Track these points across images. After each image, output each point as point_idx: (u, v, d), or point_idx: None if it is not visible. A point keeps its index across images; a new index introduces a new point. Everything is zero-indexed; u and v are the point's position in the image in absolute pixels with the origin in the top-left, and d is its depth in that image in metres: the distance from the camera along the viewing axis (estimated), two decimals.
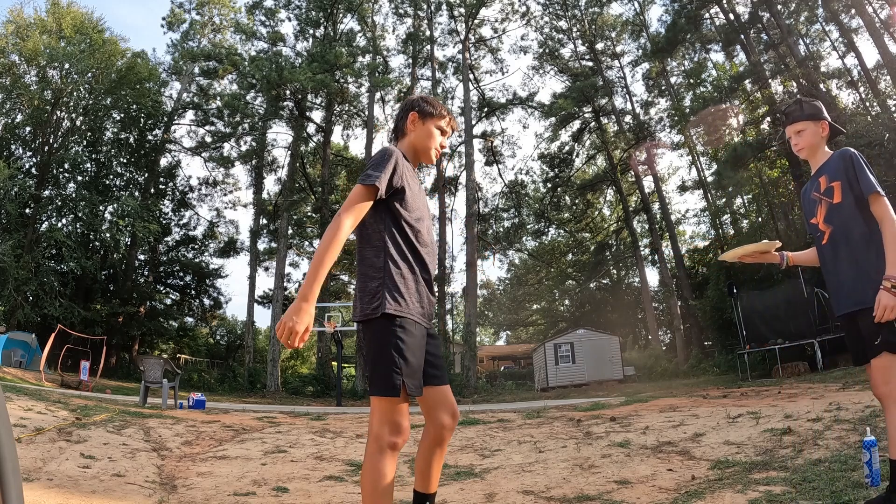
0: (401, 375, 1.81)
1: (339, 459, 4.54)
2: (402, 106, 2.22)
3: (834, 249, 2.24)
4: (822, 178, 2.27)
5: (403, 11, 29.47)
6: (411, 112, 2.14)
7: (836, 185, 2.21)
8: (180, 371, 14.56)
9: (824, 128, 2.37)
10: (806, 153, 2.40)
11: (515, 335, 49.18)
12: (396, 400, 1.81)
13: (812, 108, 2.38)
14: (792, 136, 2.40)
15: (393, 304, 1.85)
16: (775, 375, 13.45)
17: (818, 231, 2.30)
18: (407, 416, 1.85)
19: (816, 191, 2.31)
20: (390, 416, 1.81)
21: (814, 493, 2.55)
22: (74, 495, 2.89)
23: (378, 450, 1.79)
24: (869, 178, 2.14)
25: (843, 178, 2.20)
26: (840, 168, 2.22)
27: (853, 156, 2.19)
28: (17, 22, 24.45)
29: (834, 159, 2.28)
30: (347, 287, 33.32)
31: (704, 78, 26.81)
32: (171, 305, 32.50)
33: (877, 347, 2.06)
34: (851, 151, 2.22)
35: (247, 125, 28.27)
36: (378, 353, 1.84)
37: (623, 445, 4.59)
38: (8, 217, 22.08)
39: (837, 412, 4.66)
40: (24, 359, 16.99)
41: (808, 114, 2.36)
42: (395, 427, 1.81)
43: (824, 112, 2.40)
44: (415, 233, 1.98)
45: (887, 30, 19.13)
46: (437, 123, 2.15)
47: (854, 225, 2.16)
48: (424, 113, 2.14)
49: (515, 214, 31.40)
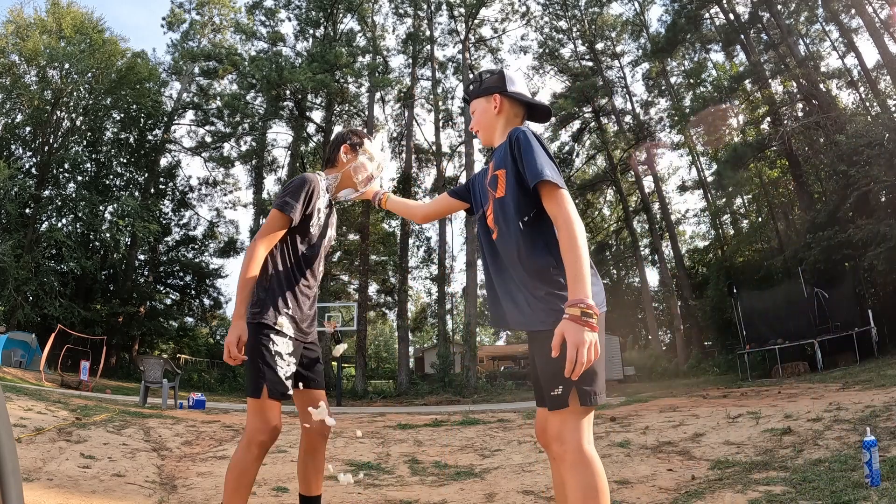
0: (264, 379, 1.98)
1: (338, 459, 4.54)
2: (334, 138, 2.38)
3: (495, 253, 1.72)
4: (491, 165, 1.73)
5: (403, 11, 29.46)
6: (343, 145, 2.31)
7: (500, 175, 1.66)
8: (180, 371, 14.56)
9: (495, 100, 1.77)
10: (482, 136, 1.85)
11: (515, 335, 49.12)
12: (262, 400, 1.97)
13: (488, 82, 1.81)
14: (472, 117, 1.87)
15: (271, 316, 2.04)
16: (775, 375, 13.45)
17: (486, 228, 1.76)
18: (277, 416, 2.00)
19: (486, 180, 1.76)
20: (259, 414, 1.98)
21: (814, 493, 2.55)
22: (74, 495, 2.89)
23: (246, 445, 1.97)
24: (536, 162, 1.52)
25: (508, 165, 1.63)
26: (506, 153, 1.65)
27: (521, 135, 1.60)
28: (17, 22, 24.44)
29: (503, 143, 1.70)
30: (347, 287, 33.34)
31: (704, 78, 26.80)
32: (171, 305, 32.46)
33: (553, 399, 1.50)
34: (521, 129, 1.63)
35: (247, 125, 28.27)
36: (250, 356, 2.00)
37: (623, 445, 4.59)
38: (8, 217, 22.07)
39: (837, 412, 4.66)
40: (24, 359, 16.98)
41: (483, 89, 1.81)
42: (263, 425, 1.97)
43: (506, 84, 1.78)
44: (307, 254, 2.16)
45: (887, 30, 19.12)
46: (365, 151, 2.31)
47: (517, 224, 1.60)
48: (354, 146, 2.31)
49: None
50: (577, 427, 1.47)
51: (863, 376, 8.69)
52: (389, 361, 42.30)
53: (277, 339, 2.04)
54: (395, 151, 30.31)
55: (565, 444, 1.47)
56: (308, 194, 2.11)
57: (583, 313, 1.36)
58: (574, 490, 1.43)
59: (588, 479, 1.43)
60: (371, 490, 3.47)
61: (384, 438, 5.77)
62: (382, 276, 31.74)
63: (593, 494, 1.42)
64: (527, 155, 1.55)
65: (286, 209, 2.05)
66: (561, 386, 1.47)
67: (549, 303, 1.52)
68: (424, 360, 36.77)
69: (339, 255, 31.05)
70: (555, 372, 1.45)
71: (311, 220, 2.14)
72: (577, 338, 1.34)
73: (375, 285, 31.71)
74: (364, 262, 26.55)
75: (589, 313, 1.37)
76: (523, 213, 1.59)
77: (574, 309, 1.38)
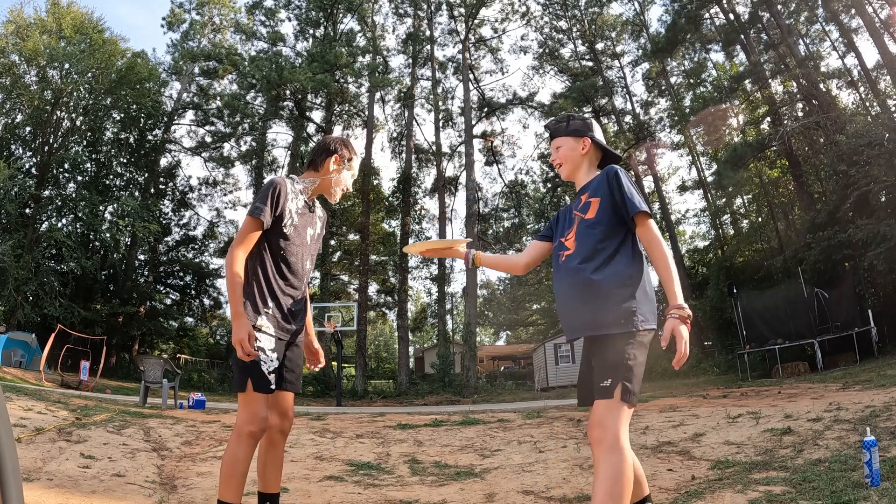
0: (248, 374, 2.10)
1: (338, 459, 4.54)
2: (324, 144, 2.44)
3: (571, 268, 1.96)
4: (584, 195, 2.03)
5: (403, 11, 29.48)
6: (335, 155, 2.40)
7: (594, 202, 1.96)
8: (180, 371, 14.56)
9: (585, 144, 2.11)
10: (565, 169, 2.14)
11: (515, 335, 49.17)
12: (247, 393, 2.10)
13: (578, 124, 2.14)
14: (553, 153, 2.17)
15: (252, 315, 2.14)
16: (775, 375, 13.44)
17: (560, 246, 2.05)
18: (262, 408, 2.11)
19: (576, 207, 2.05)
20: (246, 407, 2.10)
21: (814, 493, 2.55)
22: (74, 495, 2.90)
23: (236, 436, 2.08)
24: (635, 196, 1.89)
25: (603, 195, 1.95)
26: (602, 185, 1.98)
27: (618, 172, 1.96)
28: (17, 22, 24.43)
29: (599, 176, 2.04)
30: (347, 287, 33.34)
31: (704, 78, 26.82)
32: (171, 305, 32.46)
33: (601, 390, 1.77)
34: (616, 168, 2.00)
35: (247, 125, 28.28)
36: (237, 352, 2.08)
37: None
38: (8, 217, 22.07)
39: (837, 412, 4.66)
40: (24, 359, 16.98)
41: (572, 129, 2.13)
42: (253, 417, 2.08)
43: (593, 131, 2.14)
44: (284, 254, 2.24)
45: (887, 30, 19.12)
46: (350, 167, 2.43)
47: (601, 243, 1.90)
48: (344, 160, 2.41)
49: (515, 214, 31.37)
50: (618, 417, 1.73)
51: (863, 376, 8.69)
52: (389, 361, 42.34)
53: (260, 336, 2.14)
54: (395, 151, 30.35)
55: (606, 430, 1.72)
56: (275, 197, 2.20)
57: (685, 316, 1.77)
58: (603, 472, 1.66)
59: (618, 465, 1.66)
60: (371, 490, 3.47)
61: (384, 438, 5.77)
62: (382, 276, 31.75)
63: (619, 480, 1.64)
64: (624, 189, 1.91)
65: (255, 213, 2.16)
66: (611, 379, 1.76)
67: (622, 311, 1.82)
68: (424, 360, 36.79)
69: (339, 256, 31.05)
70: (608, 367, 1.79)
71: (284, 221, 2.22)
72: (684, 334, 1.76)
73: (375, 285, 31.72)
74: (364, 262, 26.56)
75: (686, 315, 1.77)
76: (609, 236, 1.91)
77: (681, 311, 1.77)
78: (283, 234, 2.23)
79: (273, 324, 2.19)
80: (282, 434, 2.28)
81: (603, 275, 1.86)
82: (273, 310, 2.20)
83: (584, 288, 1.88)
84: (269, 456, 2.26)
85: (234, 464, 2.05)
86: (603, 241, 1.90)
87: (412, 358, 31.33)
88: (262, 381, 2.11)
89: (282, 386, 2.24)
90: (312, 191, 2.38)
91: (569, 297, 1.95)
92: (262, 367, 2.11)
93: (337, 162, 2.39)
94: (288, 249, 2.25)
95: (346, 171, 2.41)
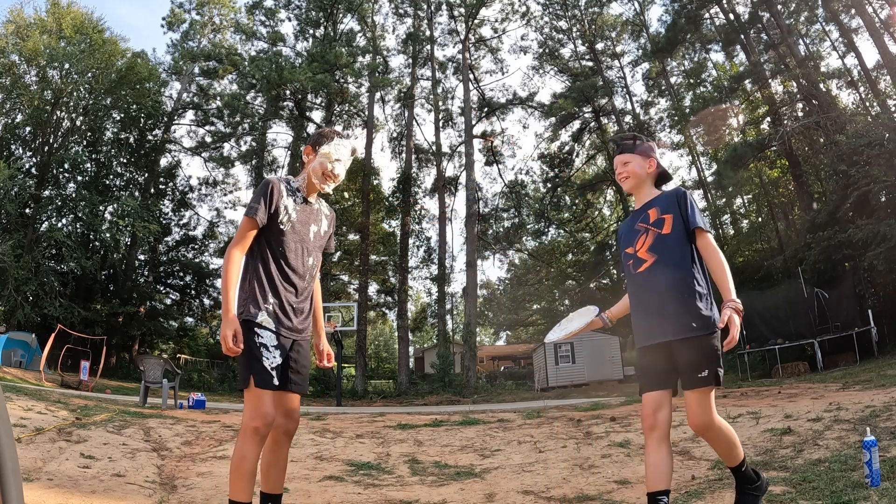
0: (251, 370, 2.11)
1: (338, 459, 4.54)
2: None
3: (652, 278, 2.23)
4: (652, 211, 2.30)
5: (403, 11, 29.47)
6: (306, 146, 2.41)
7: (667, 218, 2.25)
8: (180, 371, 14.56)
9: (651, 164, 2.38)
10: (630, 183, 2.39)
11: (515, 335, 49.14)
12: (251, 390, 2.10)
13: (646, 146, 2.42)
14: (618, 166, 2.41)
15: (252, 313, 2.17)
16: (775, 375, 13.44)
17: (636, 260, 2.30)
18: (267, 404, 2.10)
19: (643, 221, 2.31)
20: (250, 403, 2.10)
21: (814, 493, 2.55)
22: (74, 495, 2.89)
23: (242, 433, 2.09)
24: (698, 215, 2.24)
25: (675, 212, 2.25)
26: (672, 203, 2.28)
27: (687, 194, 2.29)
28: (17, 22, 24.43)
29: (667, 195, 2.33)
30: (347, 287, 33.34)
31: (704, 78, 26.82)
32: (171, 305, 32.46)
33: (699, 381, 2.08)
34: (683, 190, 2.33)
35: (247, 125, 28.26)
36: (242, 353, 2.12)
37: (623, 445, 4.59)
38: (8, 217, 22.07)
39: (837, 412, 4.66)
40: (24, 359, 16.98)
41: (641, 149, 2.40)
42: (257, 412, 2.08)
43: (656, 153, 2.44)
44: (282, 250, 2.25)
45: (887, 30, 19.12)
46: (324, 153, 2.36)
47: (679, 255, 2.20)
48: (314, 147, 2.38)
49: (515, 214, 31.37)
50: (710, 401, 2.11)
51: (863, 376, 8.69)
52: (389, 361, 42.31)
53: (262, 332, 2.16)
54: (395, 151, 30.33)
55: (709, 413, 2.10)
56: (269, 195, 2.23)
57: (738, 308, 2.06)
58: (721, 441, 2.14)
59: (729, 433, 2.15)
60: (371, 490, 3.47)
61: (384, 438, 5.77)
62: (382, 276, 31.74)
63: (735, 442, 2.16)
64: (692, 209, 2.24)
65: (250, 213, 2.20)
66: (707, 370, 2.09)
67: (699, 312, 2.14)
68: (424, 360, 36.76)
69: (340, 255, 31.05)
70: (702, 360, 2.10)
71: (280, 218, 2.25)
72: (736, 321, 2.03)
73: (375, 285, 31.72)
74: (364, 262, 26.55)
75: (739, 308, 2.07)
76: (683, 248, 2.22)
77: (736, 304, 2.06)
78: (280, 231, 2.25)
79: (273, 320, 2.20)
80: (286, 435, 2.28)
81: (687, 284, 2.17)
82: (273, 306, 2.20)
83: (676, 295, 2.17)
84: (274, 456, 2.25)
85: (241, 462, 2.05)
86: (680, 252, 2.21)
87: (412, 358, 31.32)
88: (264, 376, 2.11)
89: (287, 387, 2.23)
90: (306, 187, 2.38)
91: (655, 304, 2.22)
92: (264, 363, 2.12)
93: (308, 152, 2.40)
94: (286, 246, 2.26)
95: (318, 157, 2.35)
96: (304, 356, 2.33)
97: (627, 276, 2.37)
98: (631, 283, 2.34)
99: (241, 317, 2.17)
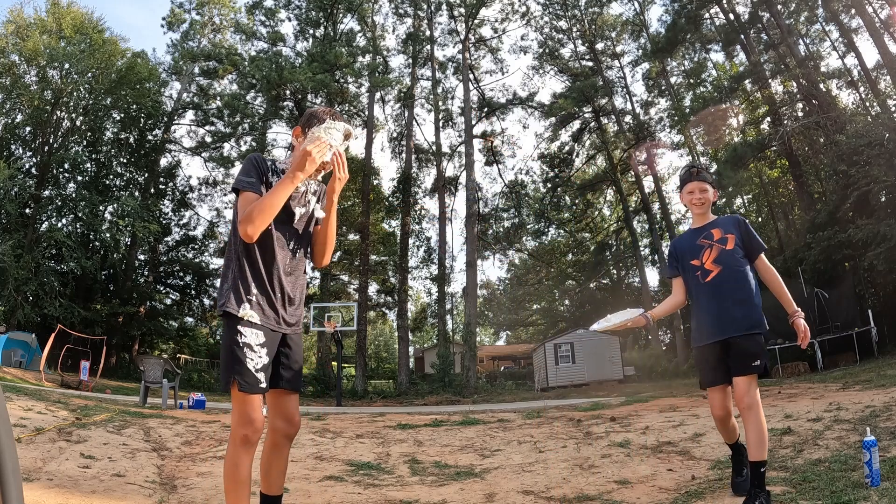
0: (232, 373, 1.94)
1: (338, 459, 4.54)
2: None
3: (719, 286, 2.69)
4: (716, 230, 2.78)
5: (403, 11, 29.47)
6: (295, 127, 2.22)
7: (730, 237, 2.74)
8: (180, 371, 14.56)
9: (716, 194, 2.93)
10: (703, 208, 2.87)
11: (515, 335, 49.13)
12: (239, 394, 1.93)
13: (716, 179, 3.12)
14: (696, 191, 2.85)
15: (233, 304, 1.99)
16: (775, 375, 13.43)
17: (703, 270, 2.75)
18: (255, 409, 1.94)
19: (706, 238, 2.79)
20: (236, 408, 1.95)
21: (814, 493, 2.55)
22: (74, 495, 2.89)
23: (231, 441, 1.95)
24: (759, 239, 2.80)
25: (736, 233, 2.75)
26: (734, 225, 2.79)
27: (746, 220, 2.84)
28: (17, 22, 24.43)
29: (728, 218, 2.86)
30: (347, 287, 33.33)
31: (704, 78, 26.81)
32: (171, 305, 32.47)
33: (753, 368, 2.56)
34: (743, 217, 2.90)
35: (247, 125, 28.26)
36: (221, 350, 2.02)
37: (623, 445, 4.59)
38: (8, 217, 22.07)
39: (837, 412, 4.66)
40: (24, 359, 16.98)
41: (712, 182, 2.91)
42: (244, 419, 1.93)
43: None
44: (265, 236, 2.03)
45: (887, 30, 19.11)
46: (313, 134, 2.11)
47: (741, 268, 2.70)
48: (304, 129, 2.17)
49: (515, 214, 31.37)
50: (756, 388, 2.57)
51: (863, 376, 8.69)
52: (389, 361, 42.30)
53: (246, 330, 1.98)
54: (395, 151, 30.32)
55: (754, 396, 2.53)
56: (257, 167, 2.08)
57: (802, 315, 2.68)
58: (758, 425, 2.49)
59: (764, 422, 2.54)
60: (371, 490, 3.47)
61: (384, 438, 5.77)
62: (382, 276, 31.74)
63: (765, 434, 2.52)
64: (753, 233, 2.79)
65: (245, 186, 2.02)
66: (759, 361, 2.57)
67: (759, 315, 2.65)
68: (424, 360, 36.76)
69: (340, 255, 31.05)
70: (757, 352, 2.58)
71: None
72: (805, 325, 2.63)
73: (375, 285, 31.72)
74: (364, 262, 26.55)
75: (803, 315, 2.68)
76: (743, 262, 2.71)
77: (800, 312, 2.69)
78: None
79: (258, 312, 2.01)
80: (287, 438, 2.16)
81: (747, 291, 2.66)
82: (257, 297, 2.02)
83: (739, 300, 2.65)
84: (274, 459, 2.14)
85: (233, 470, 1.93)
86: (743, 265, 2.70)
87: (412, 358, 31.32)
88: (248, 379, 1.93)
89: (279, 385, 2.09)
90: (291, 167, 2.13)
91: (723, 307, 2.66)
92: (247, 365, 1.94)
93: (297, 134, 2.19)
94: (270, 231, 2.06)
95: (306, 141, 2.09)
96: (295, 351, 2.16)
97: (694, 284, 2.80)
98: (698, 289, 2.78)
99: (222, 308, 2.01)
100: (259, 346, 1.99)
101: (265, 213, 1.96)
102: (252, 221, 1.94)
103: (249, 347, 1.97)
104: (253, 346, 1.98)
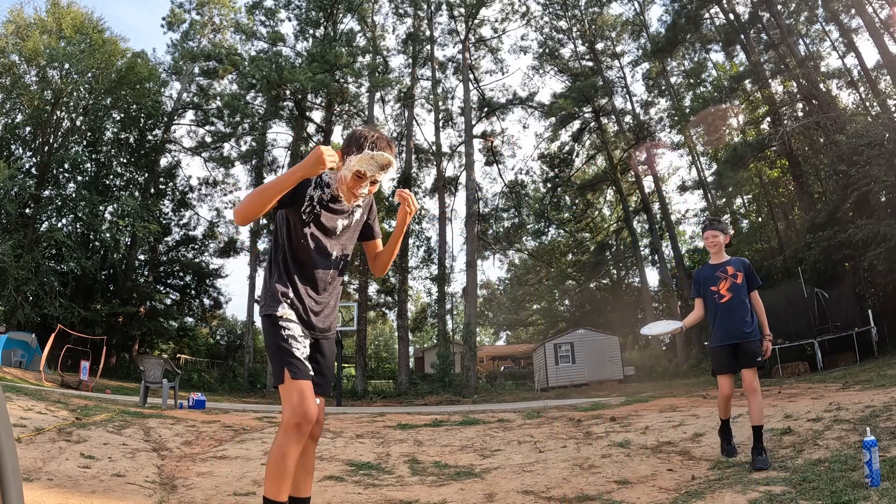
0: (284, 363, 2.02)
1: (338, 459, 4.54)
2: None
3: (732, 307, 3.74)
4: (730, 268, 3.82)
5: (403, 11, 29.47)
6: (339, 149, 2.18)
7: (740, 274, 3.78)
8: (180, 371, 14.56)
9: (727, 238, 3.91)
10: (717, 248, 3.87)
11: (515, 335, 49.12)
12: (286, 384, 2.00)
13: (727, 226, 4.02)
14: (709, 237, 3.88)
15: (274, 307, 2.09)
16: (775, 375, 13.43)
17: (720, 294, 3.80)
18: (310, 399, 2.00)
19: (722, 272, 3.82)
20: (287, 398, 2.00)
21: (814, 493, 2.55)
22: (74, 495, 2.89)
23: (283, 430, 1.99)
24: (757, 278, 3.84)
25: (743, 272, 3.78)
26: (742, 266, 3.82)
27: (750, 263, 3.88)
28: (17, 22, 24.43)
29: (738, 260, 3.89)
30: (347, 287, 33.30)
31: (704, 78, 26.80)
32: (171, 305, 32.45)
33: (756, 363, 3.63)
34: (748, 261, 3.93)
35: (247, 125, 28.24)
36: (269, 346, 2.09)
37: (623, 445, 4.59)
38: (8, 217, 22.07)
39: (837, 412, 4.66)
40: (24, 359, 16.98)
41: (723, 228, 3.92)
42: (298, 409, 1.97)
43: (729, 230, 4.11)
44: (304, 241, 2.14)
45: (887, 30, 19.11)
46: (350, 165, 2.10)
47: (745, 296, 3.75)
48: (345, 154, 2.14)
49: (515, 214, 31.37)
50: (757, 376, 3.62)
51: (863, 376, 8.69)
52: (389, 361, 42.30)
53: (288, 324, 2.07)
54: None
55: (757, 382, 3.58)
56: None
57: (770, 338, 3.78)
58: (759, 402, 3.55)
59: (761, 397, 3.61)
60: (371, 490, 3.47)
61: (384, 438, 5.77)
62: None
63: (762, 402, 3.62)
64: (754, 273, 3.84)
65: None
66: (760, 357, 3.64)
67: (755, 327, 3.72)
68: (424, 360, 36.76)
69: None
70: (757, 352, 3.65)
71: (304, 207, 2.12)
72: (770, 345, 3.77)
73: (375, 285, 31.69)
74: (364, 262, 26.54)
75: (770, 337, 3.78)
76: (746, 294, 3.76)
77: (770, 336, 3.76)
78: (302, 221, 2.13)
79: (295, 313, 2.11)
80: (312, 439, 2.19)
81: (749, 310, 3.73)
82: (294, 300, 2.11)
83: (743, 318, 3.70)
84: (300, 459, 2.13)
85: (282, 459, 1.94)
86: (746, 294, 3.75)
87: (412, 358, 31.33)
88: (299, 366, 2.02)
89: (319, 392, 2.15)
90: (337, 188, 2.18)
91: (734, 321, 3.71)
92: (296, 353, 2.03)
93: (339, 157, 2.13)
94: (309, 240, 2.14)
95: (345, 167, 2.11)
96: (328, 358, 2.23)
97: (712, 304, 3.83)
98: (716, 308, 3.80)
99: (263, 311, 2.10)
100: (302, 337, 2.09)
101: (254, 200, 2.01)
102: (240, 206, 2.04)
103: (294, 339, 2.06)
104: (297, 336, 2.07)
